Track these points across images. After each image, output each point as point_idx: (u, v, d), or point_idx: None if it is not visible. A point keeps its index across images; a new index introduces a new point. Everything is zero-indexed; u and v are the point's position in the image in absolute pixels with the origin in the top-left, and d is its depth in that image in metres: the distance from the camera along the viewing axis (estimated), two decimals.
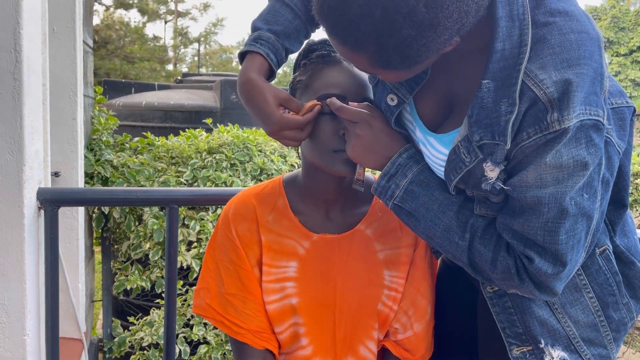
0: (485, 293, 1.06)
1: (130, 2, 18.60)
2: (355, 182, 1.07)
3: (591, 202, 0.85)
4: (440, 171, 0.97)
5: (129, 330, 2.98)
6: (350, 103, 1.03)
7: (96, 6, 16.29)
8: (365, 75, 1.09)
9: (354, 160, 1.02)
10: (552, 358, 1.01)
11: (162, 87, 5.93)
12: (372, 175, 1.19)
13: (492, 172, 0.88)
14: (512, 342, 1.04)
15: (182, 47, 22.23)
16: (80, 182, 2.75)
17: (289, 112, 1.05)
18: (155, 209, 2.86)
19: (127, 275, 2.93)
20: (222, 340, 2.84)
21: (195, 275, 2.85)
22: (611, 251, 1.02)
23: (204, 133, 3.30)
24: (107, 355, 3.01)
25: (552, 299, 0.97)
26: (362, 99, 1.05)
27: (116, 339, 2.97)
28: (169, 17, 21.61)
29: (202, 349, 2.80)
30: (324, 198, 1.13)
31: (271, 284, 1.12)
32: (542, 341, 1.01)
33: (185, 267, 2.84)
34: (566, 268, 0.88)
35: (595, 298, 1.01)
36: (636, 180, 4.21)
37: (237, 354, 1.14)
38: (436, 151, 0.97)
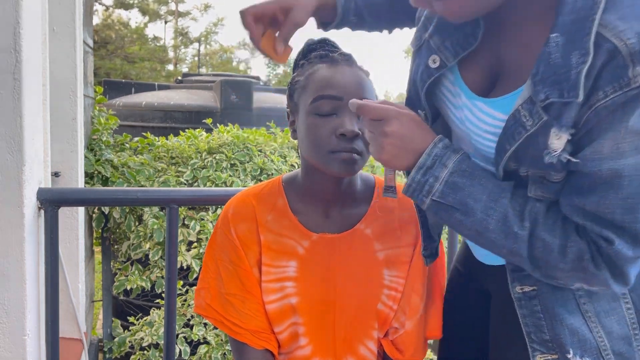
0: (514, 294, 0.97)
1: (131, 2, 18.61)
2: (386, 190, 0.97)
3: None
4: (487, 141, 0.89)
5: (129, 330, 2.97)
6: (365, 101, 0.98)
7: (96, 6, 16.29)
8: (363, 76, 1.07)
9: (385, 165, 0.93)
10: None
11: (162, 87, 5.93)
12: (374, 176, 1.19)
13: (558, 140, 0.79)
14: (537, 349, 0.96)
15: (182, 47, 22.24)
16: (80, 182, 2.75)
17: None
18: (155, 209, 2.86)
19: (127, 275, 2.93)
20: (222, 340, 2.84)
21: (195, 275, 2.85)
22: None
23: (204, 133, 3.30)
24: (107, 355, 3.01)
25: (623, 290, 0.87)
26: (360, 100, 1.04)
27: (116, 339, 2.97)
28: (170, 18, 21.62)
29: (202, 349, 2.80)
30: (323, 198, 1.13)
31: (271, 284, 1.11)
32: (571, 351, 0.93)
33: (185, 267, 2.84)
34: None
35: (633, 310, 0.93)
36: None
37: (236, 353, 1.14)
38: (486, 116, 0.89)
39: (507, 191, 0.86)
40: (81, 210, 2.72)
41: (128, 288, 2.90)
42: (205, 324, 2.86)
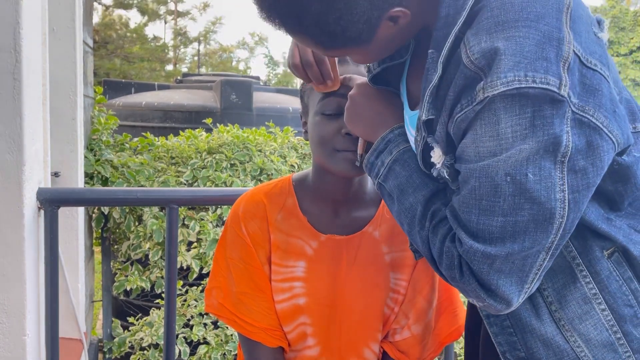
0: (481, 311, 0.91)
1: (130, 2, 18.61)
2: (358, 158, 1.03)
3: (541, 187, 0.72)
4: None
5: (129, 331, 2.97)
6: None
7: (96, 6, 16.28)
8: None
9: (347, 124, 1.00)
10: None
11: (162, 87, 5.92)
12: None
13: (435, 155, 0.82)
14: None
15: (181, 46, 22.24)
16: (80, 182, 2.75)
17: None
18: (155, 209, 2.86)
19: (127, 276, 2.93)
20: (221, 340, 2.84)
21: (195, 275, 2.85)
22: (621, 253, 0.85)
23: (203, 133, 3.30)
24: (107, 356, 3.01)
25: (506, 309, 0.79)
26: None
27: (116, 339, 2.97)
28: (169, 17, 21.61)
29: (202, 349, 2.80)
30: (332, 199, 1.13)
31: (280, 284, 1.12)
32: None
33: (185, 267, 2.84)
34: (501, 254, 0.74)
35: (609, 310, 0.83)
36: None
37: (248, 352, 1.13)
38: (408, 131, 0.93)
39: (429, 190, 0.87)
40: (81, 210, 2.71)
41: (128, 288, 2.90)
42: (205, 325, 2.86)
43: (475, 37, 0.73)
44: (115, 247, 3.06)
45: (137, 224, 2.90)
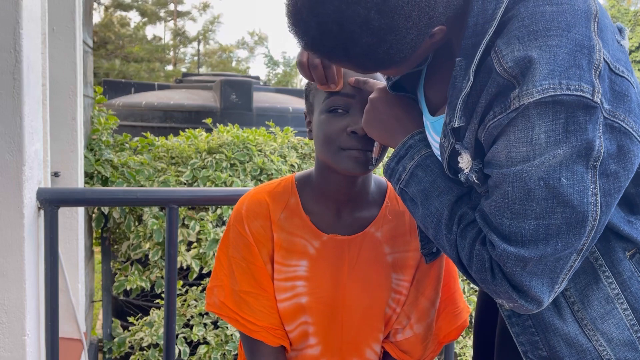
0: (503, 311, 0.93)
1: (131, 3, 18.61)
2: (370, 160, 1.04)
3: (574, 191, 0.74)
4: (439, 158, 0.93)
5: (129, 331, 2.97)
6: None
7: (95, 6, 16.27)
8: (377, 75, 1.08)
9: (365, 129, 1.00)
10: None
11: (162, 87, 5.92)
12: (386, 180, 1.19)
13: (463, 161, 0.84)
14: None
15: (181, 46, 22.23)
16: (80, 182, 2.75)
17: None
18: (155, 209, 2.86)
19: (127, 276, 2.93)
20: (221, 340, 2.83)
21: (195, 275, 2.84)
22: None
23: (203, 133, 3.30)
24: (106, 356, 3.01)
25: (537, 308, 0.81)
26: None
27: (116, 339, 2.97)
28: (169, 18, 21.60)
29: (202, 349, 2.80)
30: (335, 198, 1.13)
31: (282, 282, 1.12)
32: None
33: (185, 267, 2.84)
34: (534, 257, 0.76)
35: (630, 310, 0.86)
36: None
37: (250, 352, 1.13)
38: (430, 137, 0.95)
39: (454, 194, 0.88)
40: (81, 210, 2.72)
41: (128, 288, 2.90)
42: (205, 325, 2.86)
43: (507, 46, 0.74)
44: (115, 247, 3.06)
45: (137, 224, 2.90)
